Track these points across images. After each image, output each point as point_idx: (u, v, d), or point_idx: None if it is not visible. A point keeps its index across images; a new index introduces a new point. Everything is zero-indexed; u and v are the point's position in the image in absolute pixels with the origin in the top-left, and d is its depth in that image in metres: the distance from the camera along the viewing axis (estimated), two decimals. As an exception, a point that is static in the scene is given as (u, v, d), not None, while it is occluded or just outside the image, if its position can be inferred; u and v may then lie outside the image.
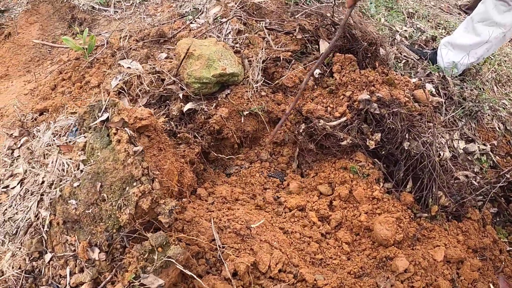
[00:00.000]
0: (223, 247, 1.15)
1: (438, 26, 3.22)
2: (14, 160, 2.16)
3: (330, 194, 1.72)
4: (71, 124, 2.02)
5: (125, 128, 1.08)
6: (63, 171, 1.21)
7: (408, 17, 3.14)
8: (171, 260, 0.95)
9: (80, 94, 2.34)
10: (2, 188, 1.98)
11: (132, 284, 0.94)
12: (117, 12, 3.15)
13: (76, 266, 1.07)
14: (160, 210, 1.03)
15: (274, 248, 1.24)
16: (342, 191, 1.66)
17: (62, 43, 2.92)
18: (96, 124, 1.11)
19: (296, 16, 2.06)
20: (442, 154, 1.82)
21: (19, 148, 2.22)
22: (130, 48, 2.34)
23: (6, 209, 1.86)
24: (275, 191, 1.74)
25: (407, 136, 1.76)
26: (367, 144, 1.75)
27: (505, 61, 2.92)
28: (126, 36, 2.51)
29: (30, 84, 2.80)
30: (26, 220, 1.37)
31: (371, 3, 3.04)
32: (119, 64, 2.12)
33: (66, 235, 1.10)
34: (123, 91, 1.96)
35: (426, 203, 1.71)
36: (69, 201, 1.08)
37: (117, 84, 1.96)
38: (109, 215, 1.04)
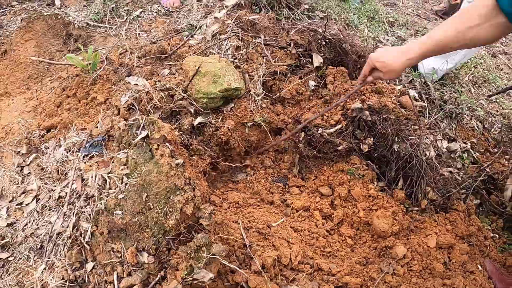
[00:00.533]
0: (250, 245, 1.31)
1: (417, 33, 3.47)
2: (24, 177, 2.22)
3: (331, 195, 1.90)
4: (84, 140, 2.11)
5: (166, 144, 1.22)
6: (103, 185, 1.33)
7: (389, 26, 3.38)
8: (216, 256, 1.10)
9: (87, 111, 2.42)
10: (16, 205, 2.04)
11: (184, 280, 1.08)
12: (111, 28, 3.22)
13: (123, 271, 1.20)
14: (201, 214, 1.17)
15: (291, 243, 1.41)
16: (341, 191, 1.84)
17: (61, 60, 2.99)
18: (137, 141, 1.24)
19: (291, 33, 2.24)
20: (428, 154, 2.03)
21: (28, 165, 2.28)
22: (133, 65, 2.44)
23: (25, 225, 1.93)
24: (280, 194, 1.90)
25: (396, 139, 1.96)
26: (361, 148, 1.94)
27: (480, 63, 3.17)
28: (127, 52, 2.61)
29: (32, 101, 2.82)
30: (61, 233, 1.47)
31: (354, 14, 3.26)
32: (126, 81, 2.23)
33: (111, 244, 1.22)
34: (133, 107, 2.08)
35: (416, 198, 1.91)
36: (114, 212, 1.21)
37: (127, 101, 2.07)
38: (155, 221, 1.17)
